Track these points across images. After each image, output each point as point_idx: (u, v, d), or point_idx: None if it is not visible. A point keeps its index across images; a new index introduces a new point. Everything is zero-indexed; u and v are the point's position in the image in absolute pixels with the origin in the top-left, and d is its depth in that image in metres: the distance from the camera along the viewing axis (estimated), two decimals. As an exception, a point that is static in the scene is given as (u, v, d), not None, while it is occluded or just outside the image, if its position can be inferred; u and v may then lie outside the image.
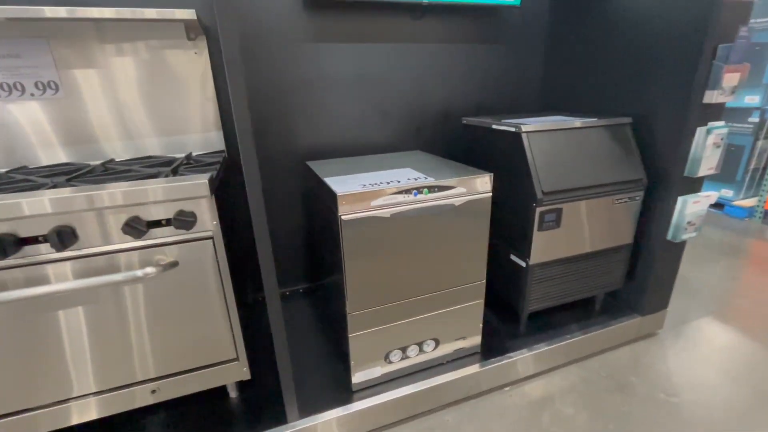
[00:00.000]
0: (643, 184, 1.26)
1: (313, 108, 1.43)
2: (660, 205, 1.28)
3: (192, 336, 0.95)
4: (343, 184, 0.99)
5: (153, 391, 0.96)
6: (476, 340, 1.24)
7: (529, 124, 1.17)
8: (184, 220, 0.83)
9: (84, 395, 0.91)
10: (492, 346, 1.29)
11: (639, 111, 1.30)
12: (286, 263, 1.61)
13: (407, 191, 0.97)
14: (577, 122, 1.21)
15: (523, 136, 1.16)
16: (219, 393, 1.12)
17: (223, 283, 0.93)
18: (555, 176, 1.16)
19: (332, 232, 1.01)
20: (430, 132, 1.62)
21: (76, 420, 0.92)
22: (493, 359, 1.23)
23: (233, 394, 1.12)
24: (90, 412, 0.92)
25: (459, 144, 1.66)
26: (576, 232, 1.23)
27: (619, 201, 1.25)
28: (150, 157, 1.26)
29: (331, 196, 0.95)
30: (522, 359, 1.25)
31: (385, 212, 0.96)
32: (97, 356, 0.89)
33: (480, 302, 1.19)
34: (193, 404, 1.09)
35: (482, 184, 1.05)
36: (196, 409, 1.08)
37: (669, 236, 1.28)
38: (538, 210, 1.15)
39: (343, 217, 0.93)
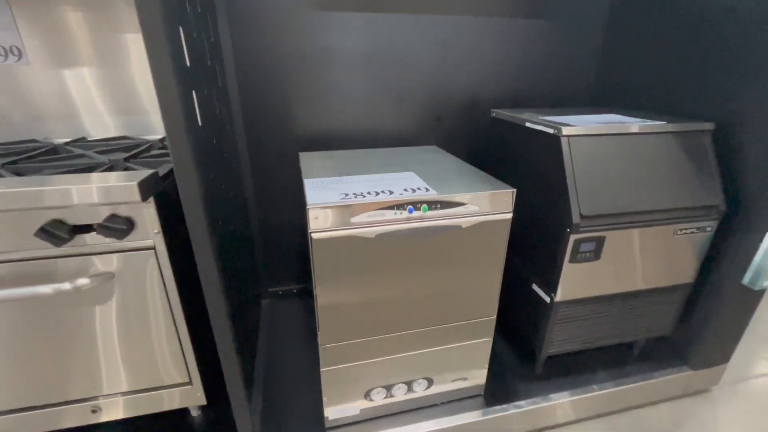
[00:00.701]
0: (719, 211, 0.97)
1: (314, 88, 1.22)
2: (738, 241, 0.99)
3: (136, 356, 0.82)
4: (322, 189, 0.79)
5: (93, 411, 0.84)
6: (480, 380, 1.04)
7: (572, 126, 0.91)
8: (112, 228, 0.67)
9: (12, 411, 0.81)
10: (499, 389, 1.08)
11: (724, 115, 0.99)
12: (280, 260, 1.46)
13: (400, 206, 0.76)
14: (637, 126, 0.93)
15: (563, 140, 0.90)
16: (180, 409, 1.00)
17: (170, 300, 0.78)
18: (600, 196, 0.90)
19: (307, 245, 0.83)
20: (452, 124, 1.37)
21: (9, 433, 0.82)
22: (497, 406, 1.03)
23: (195, 413, 1.00)
24: (21, 428, 0.82)
25: (485, 141, 1.40)
26: (621, 267, 0.98)
27: (683, 231, 0.97)
28: (125, 137, 1.12)
29: (304, 205, 0.76)
30: (534, 409, 1.04)
31: (369, 231, 0.76)
32: (30, 370, 0.78)
33: (488, 340, 0.98)
34: (150, 419, 0.98)
35: (501, 201, 0.82)
36: (150, 425, 0.96)
37: (745, 281, 0.99)
38: (573, 238, 0.90)
39: (313, 235, 0.74)
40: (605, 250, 0.94)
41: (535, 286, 1.05)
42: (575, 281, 0.97)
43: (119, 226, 0.68)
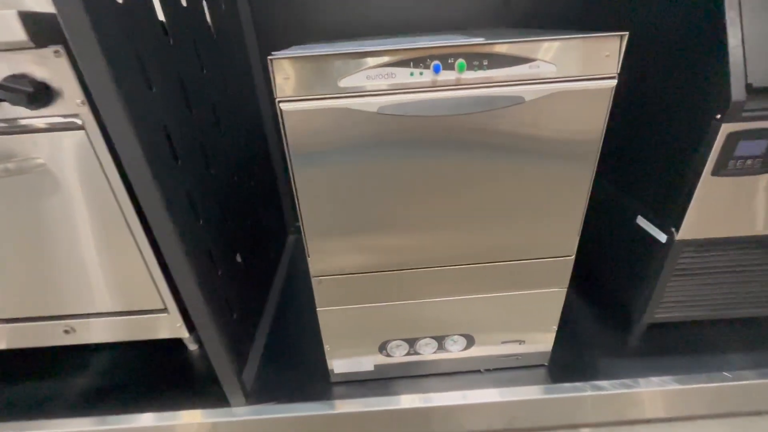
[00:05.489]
0: None
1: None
2: None
3: (98, 271, 0.67)
4: (303, 49, 0.53)
5: (66, 331, 0.74)
6: (544, 345, 0.75)
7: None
8: (17, 90, 0.49)
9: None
10: (571, 361, 0.78)
11: None
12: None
13: (418, 61, 0.47)
14: None
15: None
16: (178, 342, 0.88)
17: (119, 202, 0.60)
18: (791, 52, 0.51)
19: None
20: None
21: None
22: (567, 383, 0.74)
23: (192, 347, 0.87)
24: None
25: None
26: (806, 187, 0.58)
27: None
28: None
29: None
30: (622, 394, 0.73)
31: (366, 102, 0.48)
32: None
33: (560, 291, 0.68)
34: (144, 350, 0.87)
35: (598, 56, 0.48)
36: (143, 358, 0.86)
37: None
38: (727, 129, 0.53)
39: (282, 105, 0.48)
40: (786, 154, 0.55)
41: (641, 220, 0.70)
42: (717, 208, 0.60)
43: (22, 88, 0.49)
